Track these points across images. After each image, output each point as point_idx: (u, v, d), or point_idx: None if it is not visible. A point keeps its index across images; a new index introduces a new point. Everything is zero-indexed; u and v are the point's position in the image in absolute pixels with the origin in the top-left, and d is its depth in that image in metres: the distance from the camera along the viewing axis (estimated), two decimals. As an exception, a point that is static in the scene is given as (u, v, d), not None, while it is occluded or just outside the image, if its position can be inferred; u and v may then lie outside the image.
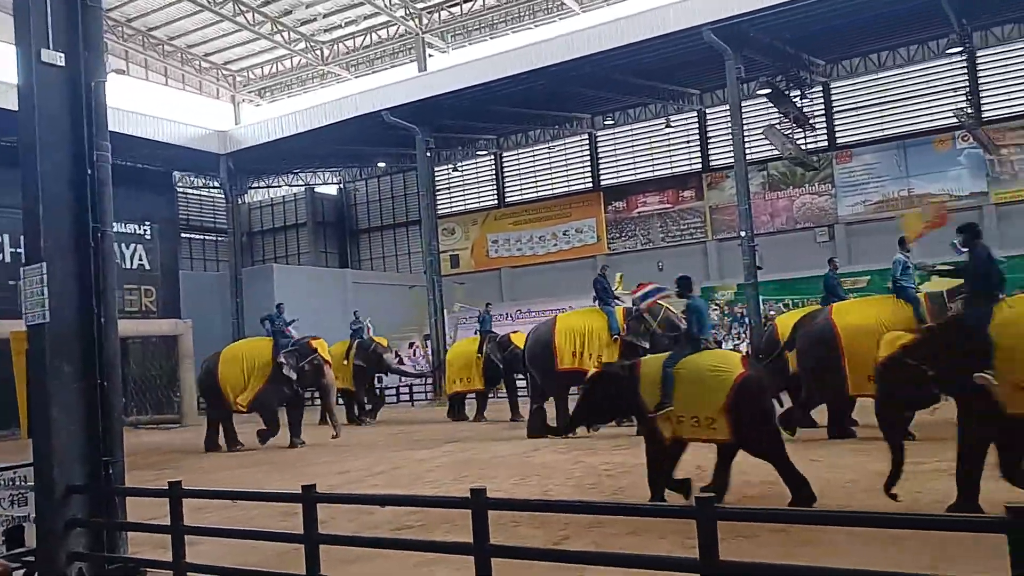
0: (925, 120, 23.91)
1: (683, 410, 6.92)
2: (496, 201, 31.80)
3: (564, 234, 30.06)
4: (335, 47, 32.31)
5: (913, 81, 24.11)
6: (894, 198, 24.15)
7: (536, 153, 30.99)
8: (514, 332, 17.06)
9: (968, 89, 22.91)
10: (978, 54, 23.02)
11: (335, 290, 28.08)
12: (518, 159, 31.54)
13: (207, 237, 34.24)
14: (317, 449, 13.47)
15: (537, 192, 30.97)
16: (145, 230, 24.82)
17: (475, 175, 32.38)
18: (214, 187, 31.17)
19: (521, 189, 31.44)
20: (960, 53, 22.82)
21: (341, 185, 36.13)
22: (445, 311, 24.76)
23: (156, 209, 25.64)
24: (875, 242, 23.45)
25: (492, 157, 31.82)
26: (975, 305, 6.48)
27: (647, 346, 12.18)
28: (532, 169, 31.16)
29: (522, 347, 14.37)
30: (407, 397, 24.47)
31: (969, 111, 22.13)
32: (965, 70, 23.25)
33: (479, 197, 32.22)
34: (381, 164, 32.71)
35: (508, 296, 30.07)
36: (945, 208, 11.51)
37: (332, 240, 36.09)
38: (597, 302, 13.39)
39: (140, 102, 26.97)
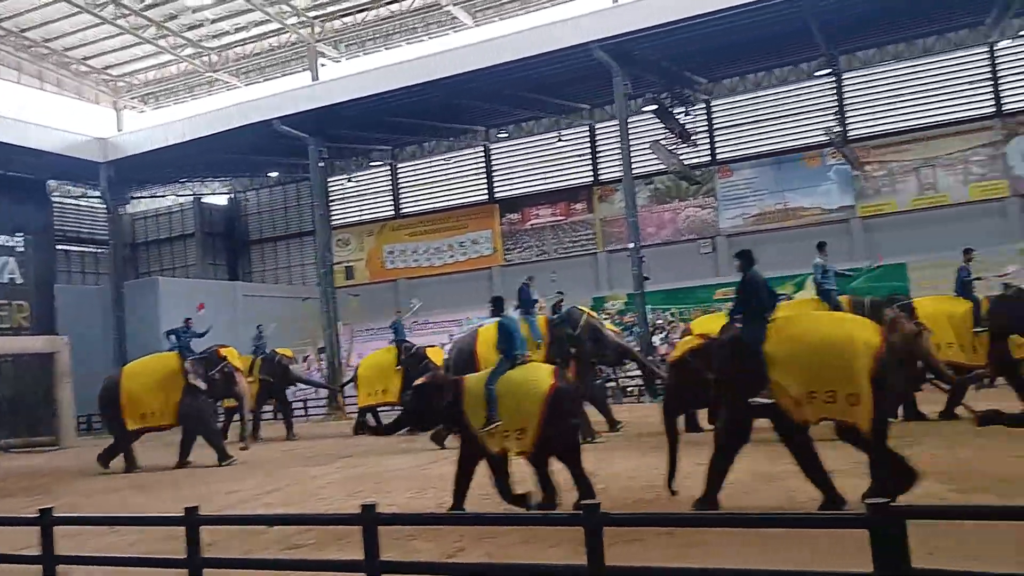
0: (798, 138, 25.40)
1: (506, 425, 7.29)
2: (392, 212, 31.69)
3: (460, 245, 30.24)
4: (224, 54, 31.44)
5: (787, 101, 25.59)
6: (771, 211, 25.53)
7: (432, 165, 31.06)
8: (430, 347, 17.06)
9: (836, 109, 24.50)
10: (844, 76, 24.66)
11: (225, 303, 27.26)
12: (414, 170, 31.53)
13: (87, 249, 32.57)
14: (206, 469, 13.11)
15: (433, 203, 31.04)
16: (17, 242, 23.47)
17: (370, 186, 32.16)
18: (94, 196, 29.75)
19: (417, 200, 31.43)
20: (828, 75, 24.40)
21: (231, 195, 35.13)
22: (340, 322, 24.48)
23: (29, 219, 24.29)
24: (754, 253, 24.72)
25: (388, 168, 31.70)
26: (751, 325, 7.08)
27: (572, 351, 12.46)
28: (428, 180, 31.22)
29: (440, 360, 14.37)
30: (301, 411, 24.03)
31: (837, 130, 23.65)
32: (833, 91, 24.86)
33: (374, 208, 32.02)
34: (273, 174, 32.04)
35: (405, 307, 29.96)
36: None
37: (222, 252, 35.00)
38: (519, 311, 13.38)
39: (11, 107, 25.53)
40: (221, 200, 35.34)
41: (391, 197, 31.76)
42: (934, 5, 20.44)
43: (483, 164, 30.21)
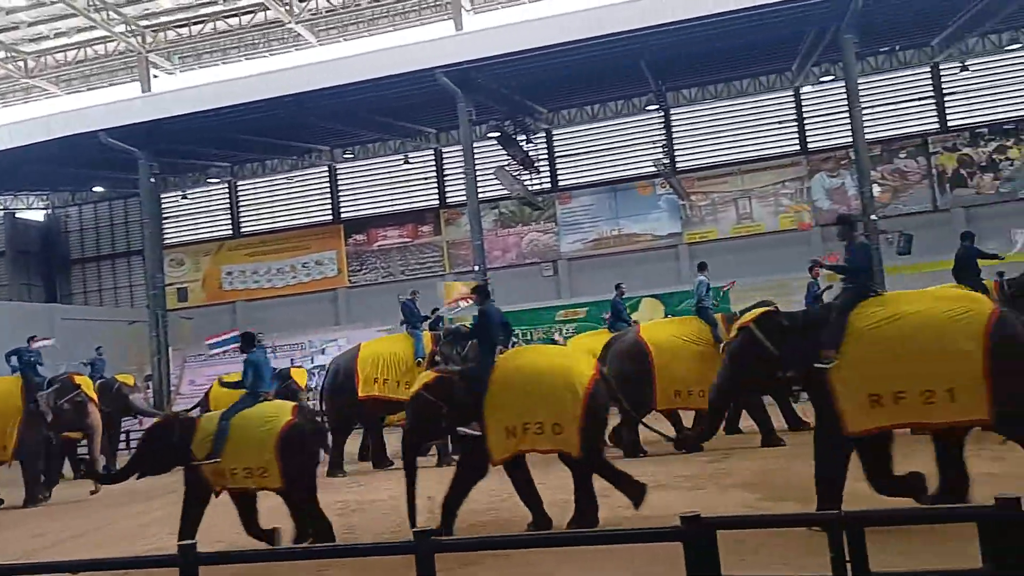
0: (631, 167, 26.85)
1: (234, 462, 7.27)
2: (231, 231, 30.54)
3: (304, 266, 29.58)
4: (42, 59, 29.29)
5: (621, 132, 27.01)
6: (607, 236, 26.80)
7: (275, 183, 30.27)
8: (295, 367, 16.46)
9: (664, 142, 26.15)
10: (672, 112, 26.38)
11: (42, 328, 25.12)
12: (255, 188, 30.58)
13: None
14: (12, 510, 12.04)
15: (275, 223, 30.22)
16: None
17: (208, 203, 30.86)
18: None
19: (258, 219, 30.49)
20: (657, 110, 26.01)
21: (49, 210, 32.58)
22: (171, 348, 23.29)
23: None
24: (592, 276, 25.91)
25: (226, 185, 30.55)
26: (483, 358, 7.52)
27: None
28: (270, 199, 30.38)
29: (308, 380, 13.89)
30: (124, 444, 22.47)
31: (665, 161, 25.25)
32: (662, 125, 26.51)
33: (212, 227, 30.74)
34: (98, 188, 30.05)
35: (244, 330, 28.93)
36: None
37: (37, 272, 32.28)
38: (405, 326, 13.22)
39: None
40: (37, 215, 32.69)
41: (230, 215, 30.62)
42: (747, 51, 22.29)
43: (328, 184, 29.77)
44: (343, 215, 29.59)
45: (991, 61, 24.11)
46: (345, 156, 29.03)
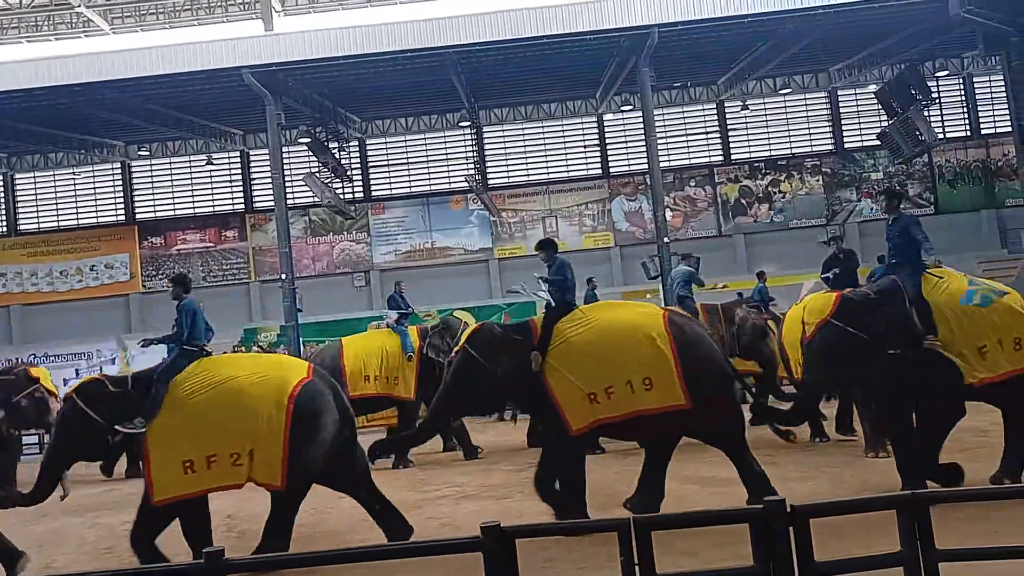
0: (444, 182, 27.26)
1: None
2: (5, 229, 27.61)
3: (91, 269, 27.31)
4: None
5: (434, 146, 27.35)
6: (420, 249, 27.00)
7: (59, 178, 27.77)
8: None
9: (477, 159, 26.79)
10: (484, 130, 27.08)
11: None
12: (35, 183, 27.88)
13: None
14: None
15: (59, 221, 27.70)
16: None
17: (-24, 198, 27.73)
18: None
19: (39, 217, 27.81)
20: (470, 126, 26.61)
21: None
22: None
23: None
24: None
25: (0, 178, 27.60)
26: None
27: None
28: (52, 196, 27.81)
29: None
30: None
31: (477, 178, 25.88)
32: (475, 142, 27.15)
33: (-18, 224, 27.65)
34: None
35: (20, 338, 26.31)
36: None
37: None
38: (385, 322, 12.92)
39: None
40: None
41: (4, 212, 27.67)
42: (556, 76, 23.41)
43: (121, 182, 27.72)
44: (138, 216, 27.67)
45: (768, 102, 26.90)
46: (140, 153, 27.18)
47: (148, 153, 27.22)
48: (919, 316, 6.68)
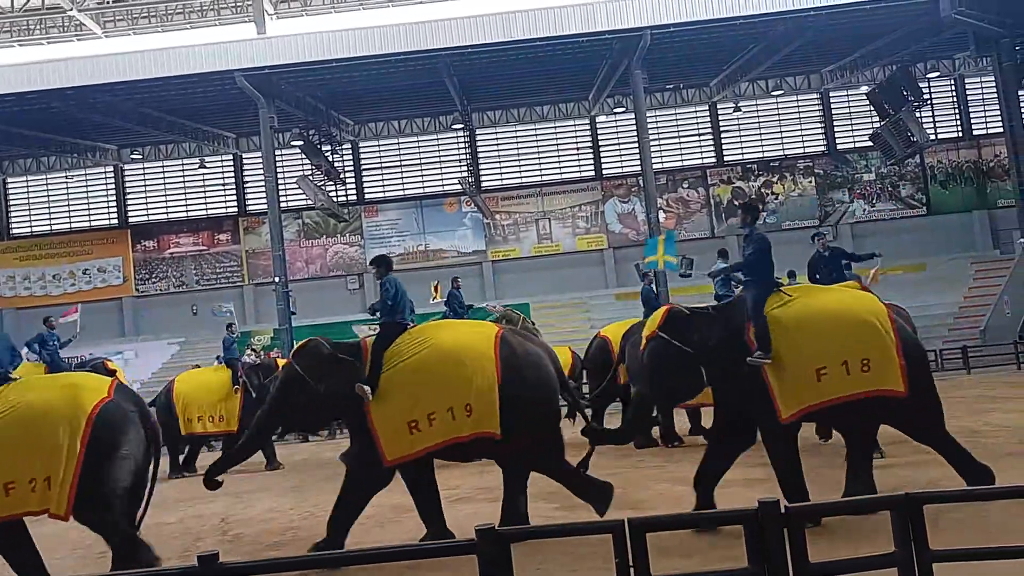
0: (437, 184, 27.27)
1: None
2: (-3, 233, 27.58)
3: (84, 273, 27.26)
4: None
5: (428, 149, 27.37)
6: (413, 251, 27.00)
7: (51, 182, 27.71)
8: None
9: (470, 161, 26.79)
10: (477, 132, 27.10)
11: None
12: (27, 187, 27.80)
13: None
14: None
15: (51, 225, 27.62)
16: None
17: (-32, 202, 27.63)
18: None
19: (31, 221, 27.72)
20: (463, 129, 26.62)
21: None
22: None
23: None
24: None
25: (-9, 182, 27.57)
26: None
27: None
28: (45, 199, 27.73)
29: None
30: None
31: (471, 180, 25.88)
32: (468, 145, 27.14)
33: (-27, 227, 27.54)
34: None
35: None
36: None
37: None
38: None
39: None
40: None
41: (-5, 216, 27.62)
42: (548, 79, 23.47)
43: (114, 185, 27.66)
44: (131, 219, 27.61)
45: (760, 104, 26.97)
46: (133, 156, 27.12)
47: (141, 156, 27.18)
48: (756, 333, 6.35)
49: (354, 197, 26.96)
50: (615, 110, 26.20)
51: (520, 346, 6.75)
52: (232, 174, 27.59)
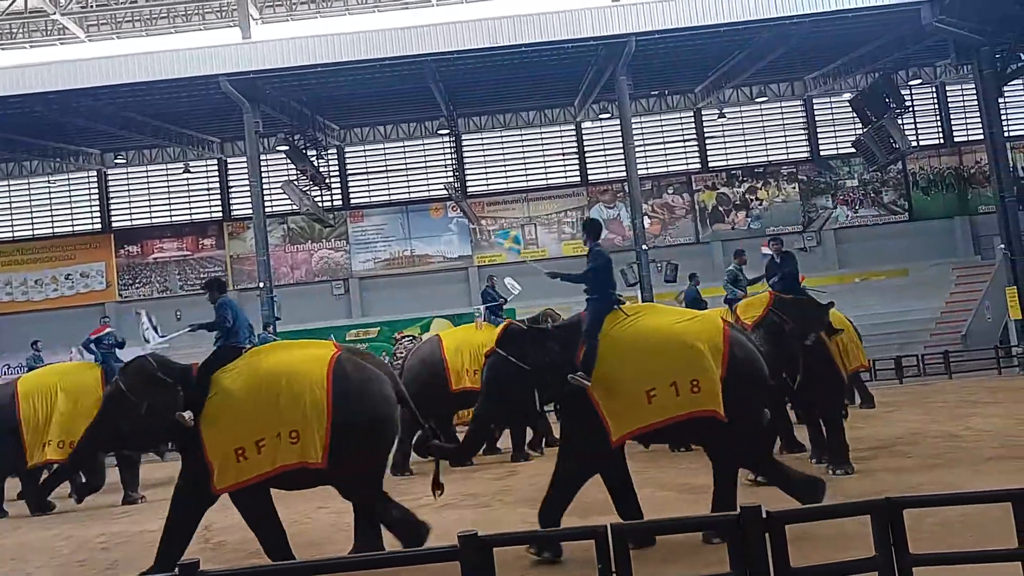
0: (423, 189, 27.25)
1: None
2: (-22, 238, 27.30)
3: (67, 278, 27.04)
4: None
5: (413, 154, 27.35)
6: (399, 257, 26.95)
7: (34, 186, 27.51)
8: None
9: (456, 166, 26.79)
10: (463, 137, 27.11)
11: None
12: (9, 191, 27.56)
13: None
14: None
15: (34, 230, 27.41)
16: None
17: (-52, 206, 27.35)
18: None
19: (13, 226, 27.49)
20: (448, 134, 26.63)
21: None
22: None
23: None
24: (383, 296, 25.94)
25: (-28, 187, 27.30)
26: None
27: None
28: (27, 204, 27.52)
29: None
30: None
31: (456, 185, 25.88)
32: (453, 150, 27.14)
33: (-46, 232, 27.27)
34: None
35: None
36: None
37: None
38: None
39: None
40: None
41: (-23, 221, 27.37)
42: (534, 84, 23.52)
43: (97, 190, 27.48)
44: (114, 224, 27.42)
45: (744, 110, 27.14)
46: (116, 161, 26.96)
47: (124, 161, 27.01)
48: (585, 353, 6.31)
49: (339, 202, 26.89)
50: (600, 116, 26.28)
51: (355, 371, 6.48)
52: (217, 179, 27.47)
